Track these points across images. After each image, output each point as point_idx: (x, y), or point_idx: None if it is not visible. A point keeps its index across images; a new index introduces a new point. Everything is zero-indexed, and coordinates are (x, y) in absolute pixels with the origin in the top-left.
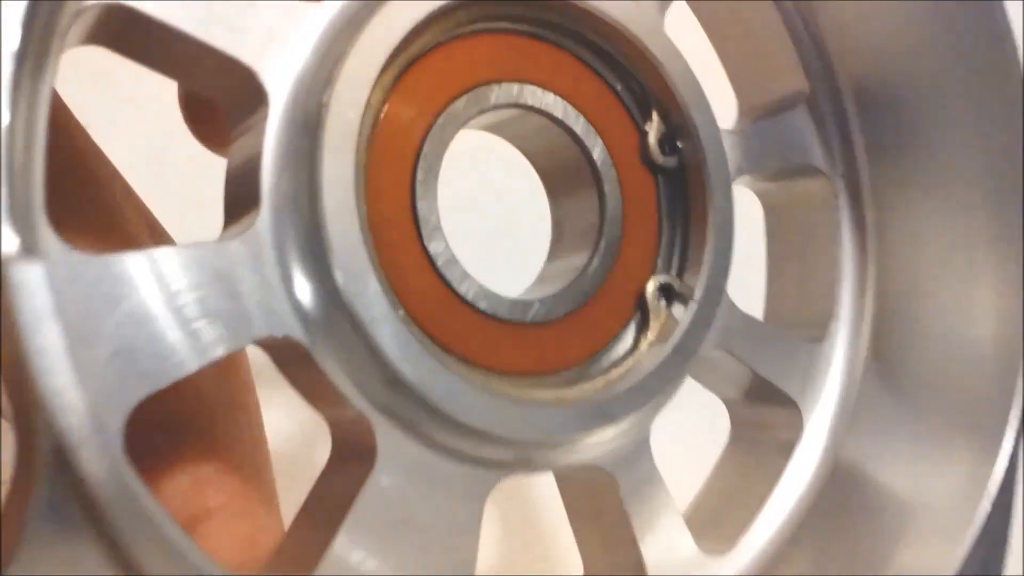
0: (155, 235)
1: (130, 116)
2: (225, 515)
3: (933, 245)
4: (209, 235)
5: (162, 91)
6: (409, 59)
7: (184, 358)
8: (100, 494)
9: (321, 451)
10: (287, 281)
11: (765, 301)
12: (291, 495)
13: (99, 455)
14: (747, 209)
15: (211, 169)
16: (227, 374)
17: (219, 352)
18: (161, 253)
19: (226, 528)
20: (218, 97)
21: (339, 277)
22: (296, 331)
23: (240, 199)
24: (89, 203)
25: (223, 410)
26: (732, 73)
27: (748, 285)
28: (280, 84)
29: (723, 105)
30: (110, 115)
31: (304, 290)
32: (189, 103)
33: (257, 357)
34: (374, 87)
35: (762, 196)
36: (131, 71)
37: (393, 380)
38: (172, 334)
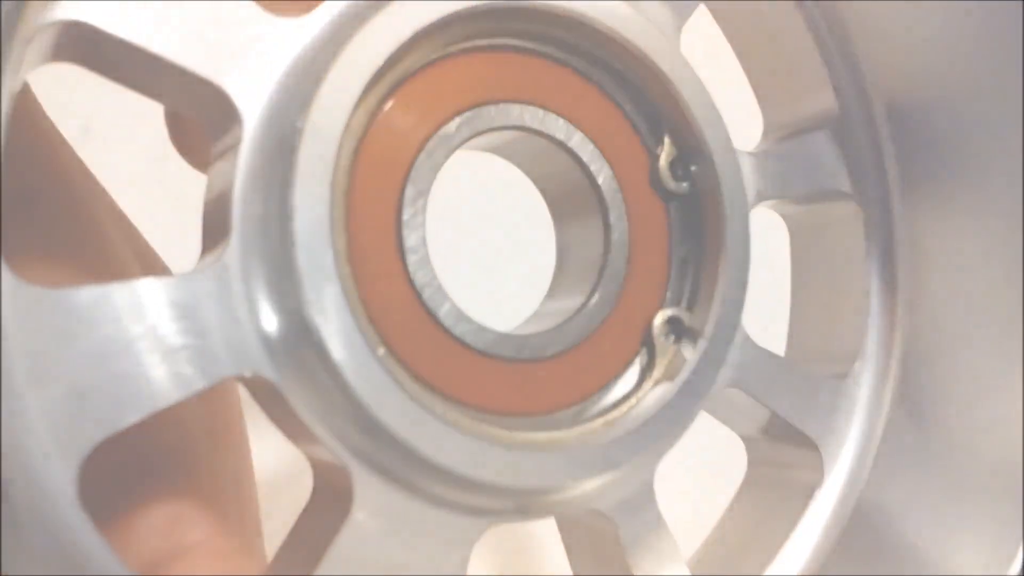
0: (144, 262)
1: (129, 122)
2: (201, 554)
3: (970, 281)
4: None
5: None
6: (398, 78)
7: (146, 400)
8: (39, 550)
9: None
10: (255, 316)
11: (788, 332)
12: (285, 524)
13: (37, 512)
14: (773, 234)
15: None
16: (212, 404)
17: (184, 393)
18: (126, 286)
19: (202, 568)
20: (193, 115)
21: (309, 312)
22: (265, 369)
23: (213, 227)
24: (67, 227)
25: (205, 442)
26: (758, 90)
27: (771, 314)
28: (253, 104)
29: (746, 127)
30: (107, 121)
31: (272, 326)
32: (173, 121)
33: None
34: (356, 109)
35: (788, 220)
36: None
37: (368, 425)
38: (134, 374)
